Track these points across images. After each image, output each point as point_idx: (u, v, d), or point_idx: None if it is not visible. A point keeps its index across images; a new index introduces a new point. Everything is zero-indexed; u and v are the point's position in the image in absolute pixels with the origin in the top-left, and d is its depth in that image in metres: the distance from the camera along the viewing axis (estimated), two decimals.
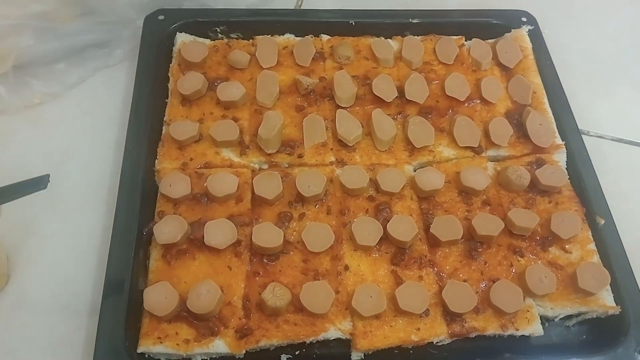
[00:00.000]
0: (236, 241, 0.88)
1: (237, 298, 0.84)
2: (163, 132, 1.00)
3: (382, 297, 0.84)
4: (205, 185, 0.93)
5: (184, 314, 0.82)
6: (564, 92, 1.12)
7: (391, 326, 0.84)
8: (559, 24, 1.30)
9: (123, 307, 0.82)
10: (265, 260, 0.88)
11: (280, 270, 0.87)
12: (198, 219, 0.90)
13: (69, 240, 0.94)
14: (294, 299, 0.84)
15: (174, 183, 0.92)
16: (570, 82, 1.14)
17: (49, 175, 0.72)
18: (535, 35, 1.19)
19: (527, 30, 1.19)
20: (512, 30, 1.19)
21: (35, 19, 1.04)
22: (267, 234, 0.88)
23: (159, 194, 0.93)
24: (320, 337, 0.83)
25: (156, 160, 0.97)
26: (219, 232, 0.87)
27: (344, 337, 0.84)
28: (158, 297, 0.81)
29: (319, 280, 0.86)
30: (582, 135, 1.07)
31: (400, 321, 0.84)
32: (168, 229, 0.87)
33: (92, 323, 0.84)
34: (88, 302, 0.88)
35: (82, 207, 0.98)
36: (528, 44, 1.17)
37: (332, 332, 0.83)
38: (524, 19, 1.21)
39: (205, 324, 0.82)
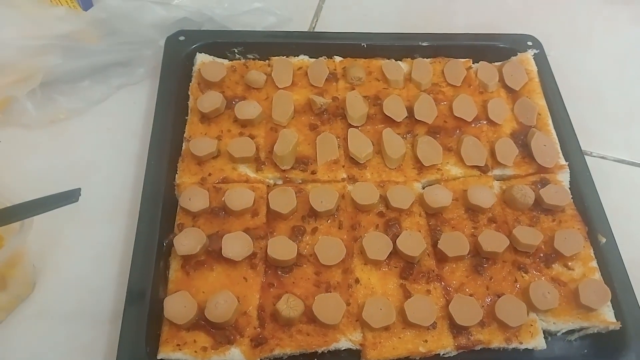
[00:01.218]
0: (252, 253, 0.90)
1: (253, 308, 0.87)
2: (183, 148, 1.03)
3: (391, 309, 0.87)
4: (222, 199, 0.96)
5: (202, 323, 0.85)
6: (567, 114, 1.14)
7: (400, 338, 0.86)
8: (563, 47, 1.32)
9: (144, 315, 0.84)
10: (279, 272, 0.91)
11: (293, 282, 0.90)
12: (216, 231, 0.93)
13: (92, 251, 0.97)
14: (307, 310, 0.86)
15: (193, 197, 0.95)
16: (574, 104, 1.16)
17: (80, 189, 0.76)
18: (541, 59, 1.21)
19: (532, 53, 1.21)
20: (518, 53, 1.21)
21: (63, 39, 1.08)
22: (281, 247, 0.91)
23: (178, 207, 0.96)
24: (332, 347, 0.85)
25: (176, 175, 1.00)
26: (236, 244, 0.90)
27: (354, 348, 0.86)
28: (177, 306, 0.84)
29: (330, 292, 0.89)
30: (585, 156, 1.09)
31: (408, 333, 0.87)
32: (187, 240, 0.90)
33: (113, 330, 0.87)
34: (110, 310, 0.91)
35: (105, 218, 1.01)
36: (533, 67, 1.19)
37: (343, 343, 0.86)
38: (530, 43, 1.23)
39: (222, 332, 0.84)
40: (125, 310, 0.85)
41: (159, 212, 0.95)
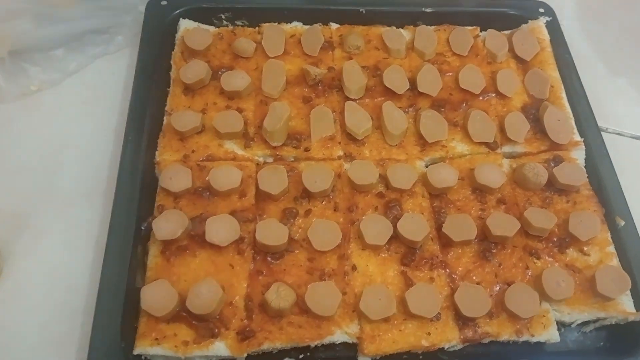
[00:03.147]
0: (239, 238, 0.84)
1: (239, 298, 0.81)
2: (164, 122, 0.96)
3: (391, 299, 0.81)
4: (207, 178, 0.89)
5: (183, 314, 0.79)
6: (582, 87, 1.08)
7: (400, 330, 0.81)
8: (577, 15, 1.26)
9: (119, 306, 0.79)
10: (269, 259, 0.85)
11: (284, 270, 0.84)
12: (199, 214, 0.87)
13: (64, 234, 0.91)
14: (299, 299, 0.81)
15: (174, 176, 0.88)
16: (588, 76, 1.10)
17: None
18: (553, 27, 1.15)
19: (544, 21, 1.15)
20: (530, 21, 1.15)
21: (34, 2, 1.01)
22: (271, 231, 0.85)
23: (159, 187, 0.90)
24: (326, 340, 0.80)
25: (156, 152, 0.93)
26: (221, 228, 0.84)
27: (350, 341, 0.81)
28: (156, 296, 0.78)
29: (325, 280, 0.83)
30: (601, 132, 1.03)
31: (410, 325, 0.81)
32: (168, 224, 0.83)
33: (87, 321, 0.80)
34: (84, 300, 0.85)
35: (79, 199, 0.94)
36: (546, 36, 1.13)
37: (338, 336, 0.80)
38: (542, 10, 1.17)
39: (205, 325, 0.78)
40: (98, 300, 0.79)
41: (137, 192, 0.88)
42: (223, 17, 1.12)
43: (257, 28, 1.09)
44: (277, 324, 0.80)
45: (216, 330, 0.78)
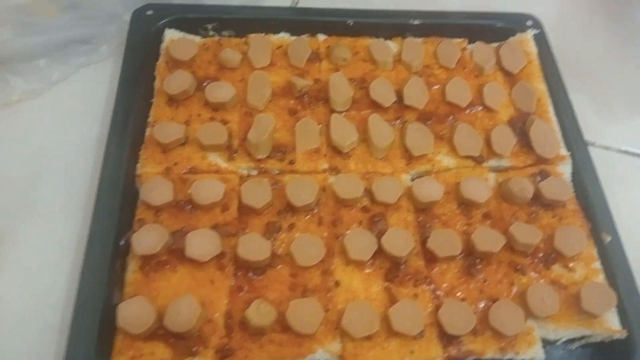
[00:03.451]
0: (220, 253, 0.82)
1: (219, 315, 0.79)
2: (147, 134, 0.94)
3: (374, 316, 0.79)
4: (189, 191, 0.87)
5: (161, 332, 0.77)
6: (569, 100, 1.07)
7: (383, 348, 0.79)
8: (565, 28, 1.25)
9: (95, 323, 0.76)
10: (250, 274, 0.83)
11: (266, 285, 0.82)
12: (181, 227, 0.85)
13: (43, 248, 0.89)
14: (280, 317, 0.78)
15: (155, 189, 0.87)
16: (576, 89, 1.09)
17: None
18: (541, 40, 1.14)
19: (532, 34, 1.14)
20: (517, 33, 1.14)
21: (15, 12, 0.99)
22: (253, 246, 0.83)
23: (139, 201, 0.88)
24: (307, 358, 0.78)
25: (138, 164, 0.91)
26: (202, 243, 0.82)
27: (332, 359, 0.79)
28: (133, 313, 0.76)
29: (307, 297, 0.81)
30: (588, 146, 1.02)
31: (393, 343, 0.79)
32: (147, 238, 0.81)
33: (63, 338, 0.77)
34: (60, 316, 0.82)
35: (59, 212, 0.92)
36: (533, 49, 1.12)
37: (320, 354, 0.78)
38: (530, 23, 1.16)
39: (183, 342, 0.76)
40: (74, 317, 0.77)
41: (117, 205, 0.86)
42: (209, 27, 1.10)
43: (243, 39, 1.08)
44: (257, 342, 0.78)
45: (195, 348, 0.76)
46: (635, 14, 1.34)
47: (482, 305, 0.83)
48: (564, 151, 1.00)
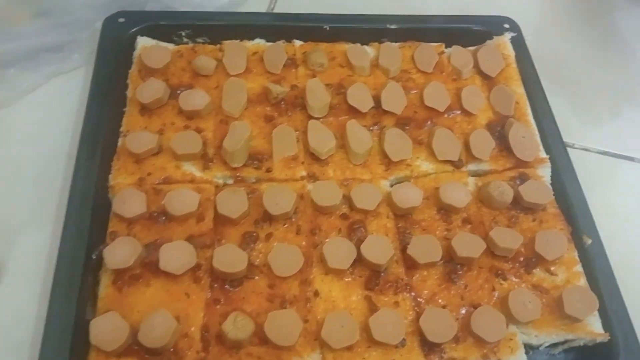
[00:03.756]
0: (195, 265, 0.80)
1: (195, 329, 0.77)
2: (119, 143, 0.92)
3: (354, 326, 0.78)
4: (163, 202, 0.85)
5: (135, 348, 0.74)
6: (547, 102, 1.07)
7: (364, 358, 0.77)
8: (543, 31, 1.25)
9: (67, 339, 0.74)
10: (227, 287, 0.81)
11: (243, 297, 0.80)
12: (154, 240, 0.83)
13: (12, 263, 0.86)
14: (258, 329, 0.77)
15: (128, 200, 0.84)
16: (554, 92, 1.09)
17: None
18: (518, 43, 1.14)
19: (509, 37, 1.14)
20: (494, 37, 1.13)
21: None
22: (229, 257, 0.81)
23: (111, 213, 0.85)
24: None
25: (110, 175, 0.89)
26: (176, 255, 0.80)
27: None
28: (106, 329, 0.73)
29: (285, 308, 0.79)
30: (567, 148, 1.02)
31: (374, 353, 0.78)
32: (120, 251, 0.79)
33: (34, 357, 0.75)
34: (31, 333, 0.80)
35: (28, 226, 0.89)
36: (511, 52, 1.12)
37: None
38: (507, 26, 1.16)
39: (158, 358, 0.74)
40: (44, 334, 0.74)
41: (88, 219, 0.84)
42: (183, 34, 1.08)
43: (218, 45, 1.06)
44: (234, 356, 0.75)
45: None
46: (613, 17, 1.35)
47: (463, 311, 0.82)
48: (543, 154, 0.99)
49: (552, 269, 0.88)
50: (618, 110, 1.19)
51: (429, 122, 1.00)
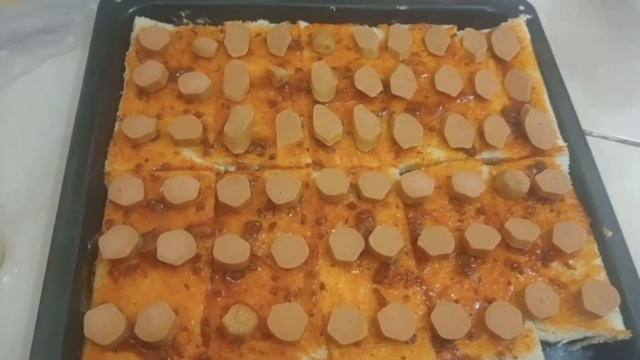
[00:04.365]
0: (195, 256, 0.78)
1: (195, 322, 0.75)
2: (115, 128, 0.90)
3: (362, 321, 0.75)
4: (161, 190, 0.82)
5: (131, 342, 0.72)
6: (565, 88, 1.04)
7: (372, 355, 0.75)
8: (559, 13, 1.22)
9: (60, 333, 0.72)
10: (228, 278, 0.78)
11: (245, 290, 0.78)
12: (152, 229, 0.80)
13: (5, 253, 0.83)
14: (261, 323, 0.74)
15: (124, 187, 0.82)
16: (572, 77, 1.06)
17: None
18: (534, 25, 1.11)
19: (525, 19, 1.11)
20: (509, 19, 1.11)
21: None
22: (231, 248, 0.78)
23: (107, 201, 0.83)
24: None
25: (106, 161, 0.86)
26: (175, 245, 0.77)
27: None
28: (101, 321, 0.71)
29: (290, 301, 0.77)
30: (586, 136, 0.99)
31: (383, 349, 0.76)
32: (116, 241, 0.77)
33: (26, 351, 0.72)
34: (23, 328, 0.77)
35: (22, 214, 0.87)
36: (526, 35, 1.09)
37: None
38: (522, 8, 1.13)
39: (156, 353, 0.72)
40: (37, 327, 0.72)
41: (83, 207, 0.81)
42: (183, 14, 1.05)
43: (219, 26, 1.03)
44: (236, 351, 0.73)
45: (168, 359, 0.72)
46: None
47: (477, 306, 0.80)
48: (560, 142, 0.97)
49: (570, 262, 0.85)
50: (637, 96, 1.15)
51: (441, 108, 0.98)
